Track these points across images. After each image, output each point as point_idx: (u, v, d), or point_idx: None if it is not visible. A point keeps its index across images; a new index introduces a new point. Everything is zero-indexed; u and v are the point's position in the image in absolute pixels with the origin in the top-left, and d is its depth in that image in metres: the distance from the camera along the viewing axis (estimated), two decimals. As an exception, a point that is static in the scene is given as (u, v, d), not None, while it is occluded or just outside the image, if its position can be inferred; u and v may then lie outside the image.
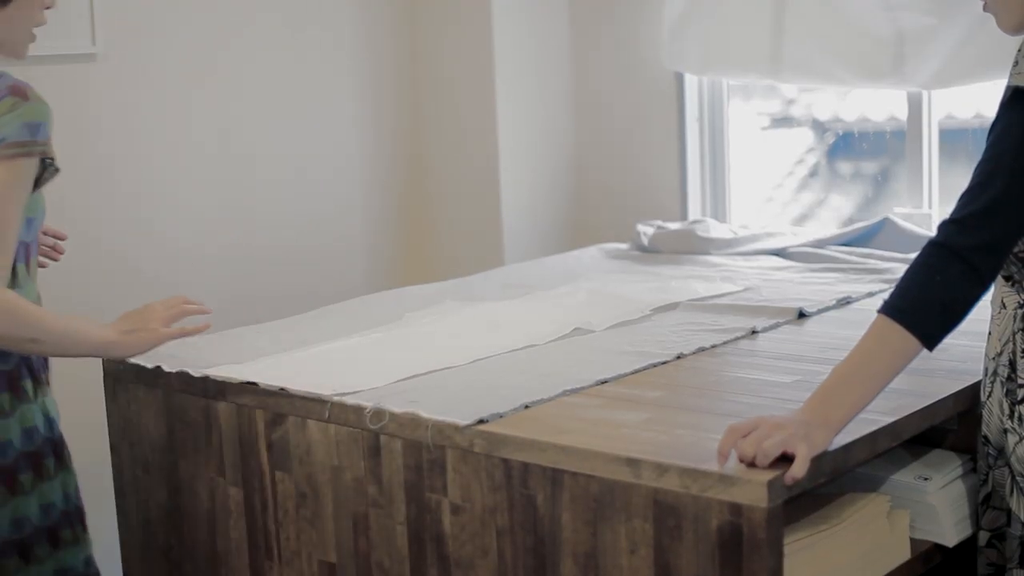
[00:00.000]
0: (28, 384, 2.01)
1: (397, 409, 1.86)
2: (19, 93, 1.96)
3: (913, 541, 1.90)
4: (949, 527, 1.91)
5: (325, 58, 3.41)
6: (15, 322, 1.88)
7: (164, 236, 3.09)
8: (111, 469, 2.31)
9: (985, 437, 1.90)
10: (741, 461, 1.57)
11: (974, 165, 1.74)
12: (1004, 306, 1.85)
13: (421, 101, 3.61)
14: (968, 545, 1.97)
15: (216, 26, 3.17)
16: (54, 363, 2.07)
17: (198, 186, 3.15)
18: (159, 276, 3.09)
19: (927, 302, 1.70)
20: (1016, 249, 1.78)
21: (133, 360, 2.20)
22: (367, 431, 1.89)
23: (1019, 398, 1.80)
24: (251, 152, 3.26)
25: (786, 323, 2.37)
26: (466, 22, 3.50)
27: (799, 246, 3.03)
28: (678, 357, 2.13)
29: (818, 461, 1.61)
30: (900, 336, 1.69)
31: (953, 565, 2.04)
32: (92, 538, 2.11)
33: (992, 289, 1.86)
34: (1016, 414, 1.80)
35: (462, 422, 1.79)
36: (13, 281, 1.95)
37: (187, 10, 3.10)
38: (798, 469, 1.56)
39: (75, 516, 2.07)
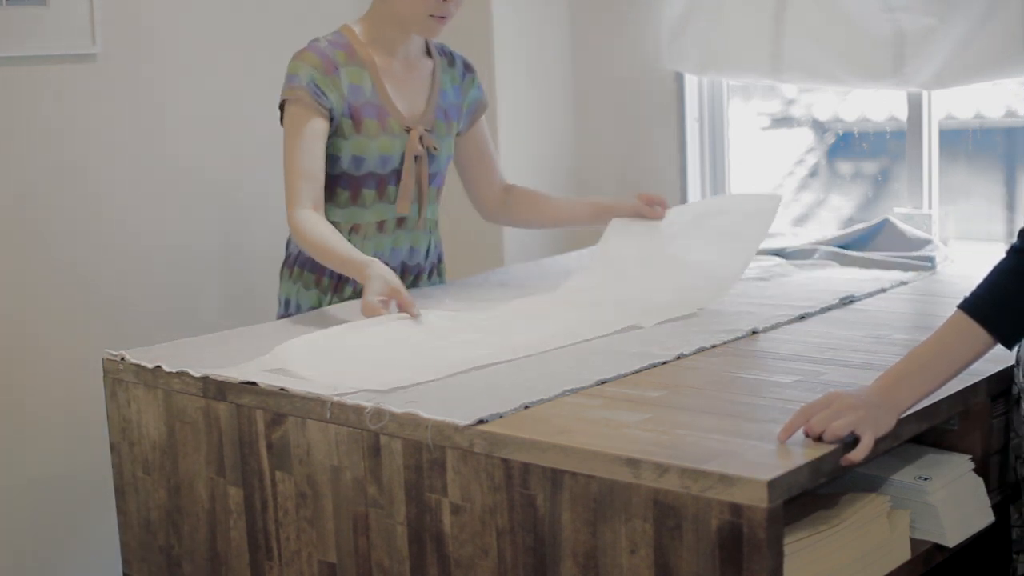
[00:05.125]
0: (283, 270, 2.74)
1: (397, 409, 1.86)
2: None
3: (913, 541, 1.90)
4: (949, 527, 1.91)
5: (325, 58, 3.41)
6: (298, 241, 2.52)
7: (165, 234, 3.09)
8: (111, 469, 2.31)
9: (1020, 439, 1.94)
10: (807, 435, 1.65)
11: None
12: None
13: (421, 101, 3.61)
14: (968, 545, 1.97)
15: (217, 26, 3.17)
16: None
17: (198, 185, 3.15)
18: (160, 273, 3.09)
19: (1008, 305, 1.76)
20: None
21: (134, 360, 2.20)
22: (367, 431, 1.89)
23: None
24: (251, 151, 3.26)
25: (786, 323, 2.37)
26: (465, 21, 3.50)
27: (799, 246, 3.03)
28: (678, 357, 2.13)
29: (818, 462, 1.61)
30: (977, 334, 1.76)
31: (953, 565, 2.04)
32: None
33: None
34: None
35: (462, 422, 1.79)
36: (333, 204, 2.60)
37: (187, 10, 3.10)
38: (858, 454, 1.64)
39: None
